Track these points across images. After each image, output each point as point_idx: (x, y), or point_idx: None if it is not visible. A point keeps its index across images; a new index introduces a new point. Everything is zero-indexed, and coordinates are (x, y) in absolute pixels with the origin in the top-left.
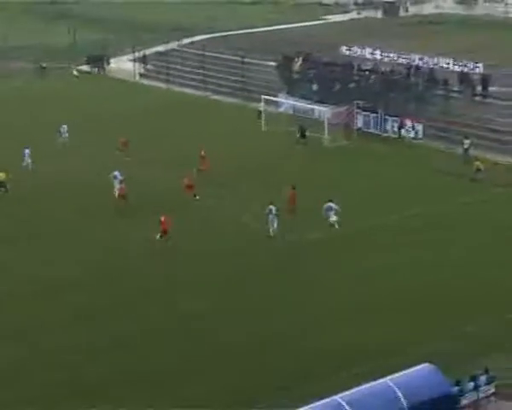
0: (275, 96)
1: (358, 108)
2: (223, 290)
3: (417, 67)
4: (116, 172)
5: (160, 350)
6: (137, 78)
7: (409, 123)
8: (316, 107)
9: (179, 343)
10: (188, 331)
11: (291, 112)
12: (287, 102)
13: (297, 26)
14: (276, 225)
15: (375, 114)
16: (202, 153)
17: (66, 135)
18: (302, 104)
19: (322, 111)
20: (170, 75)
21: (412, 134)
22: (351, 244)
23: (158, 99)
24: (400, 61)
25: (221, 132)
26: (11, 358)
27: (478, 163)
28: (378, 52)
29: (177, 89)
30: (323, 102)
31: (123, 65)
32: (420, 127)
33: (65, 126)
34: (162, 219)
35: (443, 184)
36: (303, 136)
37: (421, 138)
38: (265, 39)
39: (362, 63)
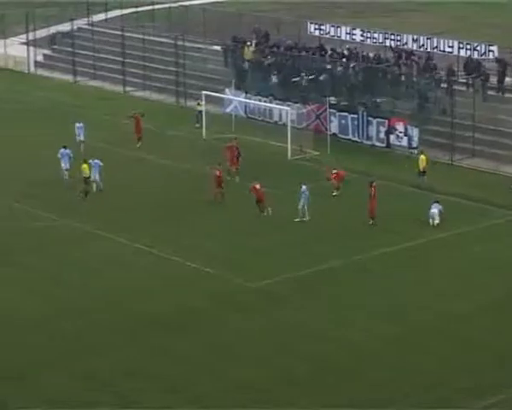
0: (220, 91)
1: (332, 107)
2: None
3: (410, 52)
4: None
5: None
6: (33, 67)
7: (400, 127)
8: (276, 106)
9: None
10: None
11: (242, 113)
12: (236, 101)
13: None
14: (307, 206)
15: (354, 116)
16: None
17: None
18: (257, 103)
19: (284, 112)
20: (78, 64)
21: (405, 142)
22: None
23: (58, 97)
24: (388, 43)
25: (145, 143)
26: None
27: (423, 157)
28: (358, 32)
29: (88, 82)
30: (286, 100)
31: (13, 50)
32: (415, 132)
33: None
34: (257, 186)
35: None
36: None
37: (416, 147)
38: (207, 16)
39: (337, 47)
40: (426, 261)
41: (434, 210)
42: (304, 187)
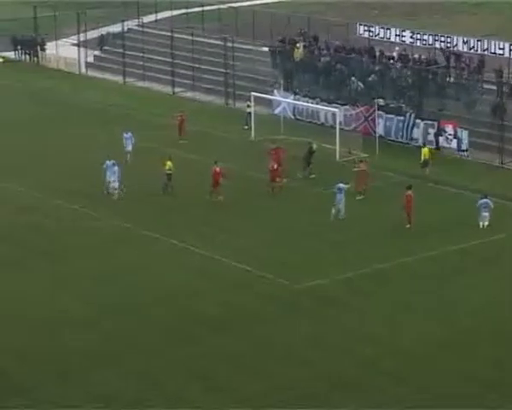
0: (269, 93)
1: (381, 108)
2: None
3: (459, 54)
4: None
5: None
6: (84, 68)
7: (450, 129)
8: (324, 107)
9: None
10: None
11: (290, 114)
12: (285, 102)
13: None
14: (342, 206)
15: (400, 117)
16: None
17: None
18: (305, 104)
19: (332, 113)
20: (127, 65)
21: (454, 144)
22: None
23: (108, 98)
24: (438, 45)
25: (191, 144)
26: None
27: (425, 149)
28: (408, 34)
29: (137, 83)
30: (334, 102)
31: (64, 51)
32: (465, 135)
33: None
34: (217, 169)
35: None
36: (308, 162)
37: (466, 150)
38: (256, 17)
39: (386, 49)
40: (478, 265)
41: (486, 213)
42: (341, 185)
